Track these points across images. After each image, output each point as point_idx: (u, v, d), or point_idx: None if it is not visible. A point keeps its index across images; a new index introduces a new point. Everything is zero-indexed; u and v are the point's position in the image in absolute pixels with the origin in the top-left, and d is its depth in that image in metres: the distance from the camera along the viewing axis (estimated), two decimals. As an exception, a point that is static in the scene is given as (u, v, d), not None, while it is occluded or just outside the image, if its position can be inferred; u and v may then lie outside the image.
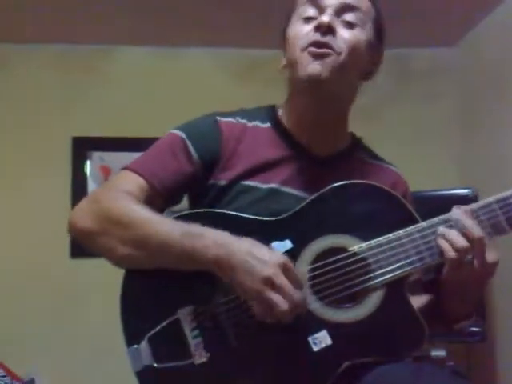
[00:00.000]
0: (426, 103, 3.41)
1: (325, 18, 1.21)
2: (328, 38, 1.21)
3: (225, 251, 1.11)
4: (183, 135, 1.28)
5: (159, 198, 1.25)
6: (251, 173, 1.25)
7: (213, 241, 1.12)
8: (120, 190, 1.23)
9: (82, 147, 3.24)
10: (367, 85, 1.38)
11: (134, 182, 1.24)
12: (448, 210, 1.17)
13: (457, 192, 2.62)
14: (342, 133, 1.35)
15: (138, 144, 2.07)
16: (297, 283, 1.09)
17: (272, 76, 1.34)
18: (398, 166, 1.43)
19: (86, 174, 3.23)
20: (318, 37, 1.21)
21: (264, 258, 1.09)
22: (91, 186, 3.20)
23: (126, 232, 1.17)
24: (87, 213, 1.22)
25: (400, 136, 3.33)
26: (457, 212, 1.15)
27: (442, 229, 1.14)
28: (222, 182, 1.25)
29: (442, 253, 1.14)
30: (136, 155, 1.32)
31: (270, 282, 1.07)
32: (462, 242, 1.11)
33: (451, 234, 1.12)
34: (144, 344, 1.16)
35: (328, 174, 1.25)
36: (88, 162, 3.24)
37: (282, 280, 1.08)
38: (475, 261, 1.12)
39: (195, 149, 1.26)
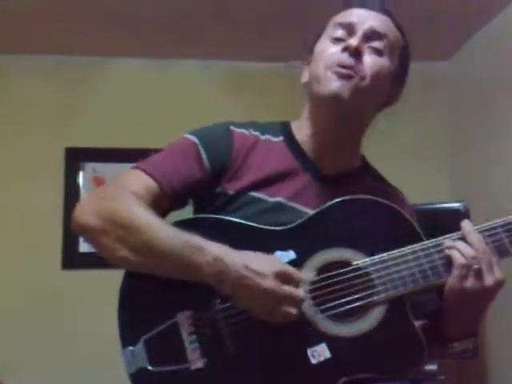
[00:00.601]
0: (418, 117, 3.42)
1: (353, 42, 1.24)
2: (354, 61, 1.23)
3: (222, 267, 1.10)
4: (196, 140, 1.28)
5: (166, 200, 1.25)
6: (259, 185, 1.26)
7: (212, 256, 1.11)
8: (127, 189, 1.22)
9: (75, 158, 3.23)
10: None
11: (142, 182, 1.24)
12: (440, 223, 1.20)
13: (449, 206, 2.62)
14: (353, 154, 1.37)
15: (131, 155, 2.07)
16: (296, 284, 1.11)
17: (262, 88, 1.35)
18: (390, 179, 1.45)
19: (78, 185, 3.22)
20: (344, 58, 1.24)
21: (261, 270, 1.09)
22: (83, 195, 3.20)
23: (127, 235, 1.16)
24: (91, 209, 1.21)
25: (391, 149, 3.34)
26: (465, 227, 1.17)
27: (448, 242, 1.16)
28: (230, 192, 1.26)
29: (448, 265, 1.15)
30: (129, 166, 1.31)
31: (271, 294, 1.08)
32: (470, 251, 1.14)
33: (460, 244, 1.15)
34: (140, 346, 1.15)
35: (335, 193, 1.25)
36: (81, 173, 3.24)
37: (283, 290, 1.09)
38: (483, 272, 1.13)
39: (207, 155, 1.26)
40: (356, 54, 1.24)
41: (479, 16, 2.92)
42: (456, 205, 2.57)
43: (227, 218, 1.21)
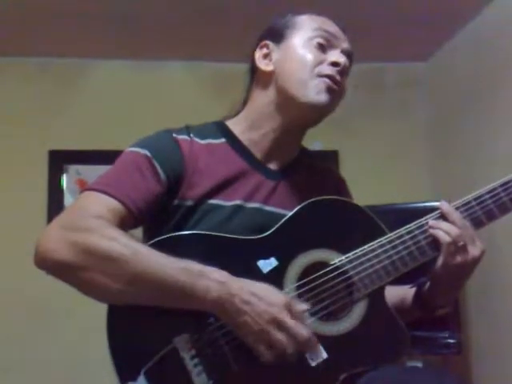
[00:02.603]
0: (399, 117, 3.46)
1: (342, 60, 1.30)
2: (339, 78, 1.30)
3: (227, 292, 1.09)
4: (148, 153, 1.24)
5: (131, 220, 1.20)
6: (214, 191, 1.25)
7: (214, 282, 1.09)
8: (95, 215, 1.14)
9: (59, 160, 3.22)
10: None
11: (105, 205, 1.17)
12: None
13: (430, 205, 2.63)
14: (298, 146, 1.41)
15: (114, 157, 2.05)
16: (302, 321, 1.11)
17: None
18: (371, 179, 1.48)
19: (62, 188, 3.21)
20: (335, 73, 1.29)
21: (268, 299, 1.09)
22: (67, 199, 3.19)
23: (118, 268, 1.10)
24: (62, 243, 1.11)
25: (373, 149, 3.37)
26: (444, 207, 1.24)
27: (432, 222, 1.23)
28: (188, 203, 1.24)
29: (432, 244, 1.22)
30: (109, 168, 1.27)
31: (276, 323, 1.08)
32: (453, 229, 1.21)
33: (443, 224, 1.22)
34: (141, 379, 1.11)
35: (284, 185, 1.32)
36: (64, 176, 3.23)
37: (288, 321, 1.09)
38: (468, 246, 1.21)
39: (162, 168, 1.23)
40: (342, 72, 1.31)
41: (458, 17, 2.94)
42: (437, 204, 2.58)
43: (205, 232, 1.20)
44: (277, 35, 1.35)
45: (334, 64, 1.29)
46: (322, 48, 1.31)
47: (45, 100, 3.26)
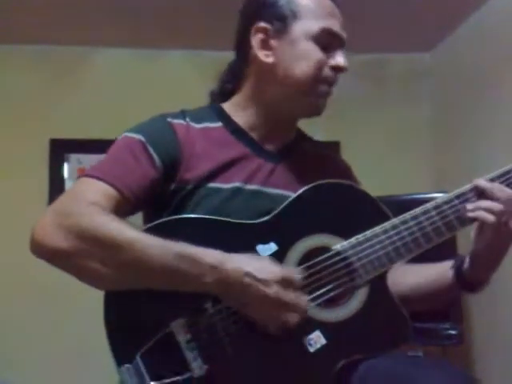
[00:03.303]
0: (401, 108, 3.45)
1: (344, 64, 1.28)
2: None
3: (221, 277, 1.09)
4: (142, 138, 1.24)
5: (127, 206, 1.20)
6: (212, 174, 1.24)
7: (207, 266, 1.09)
8: (87, 201, 1.15)
9: (60, 149, 3.22)
10: (344, 90, 1.41)
11: (101, 191, 1.17)
12: None
13: (432, 196, 2.63)
14: (293, 129, 1.40)
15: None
16: (299, 290, 1.12)
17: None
18: (373, 170, 1.47)
19: (63, 176, 3.22)
20: (334, 78, 1.29)
21: (262, 277, 1.09)
22: (69, 187, 3.18)
23: (111, 254, 1.10)
24: (57, 229, 1.12)
25: (375, 140, 3.36)
26: (482, 184, 1.20)
27: (470, 205, 1.19)
28: (187, 187, 1.23)
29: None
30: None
31: (274, 301, 1.09)
32: (496, 206, 1.17)
33: (483, 203, 1.18)
34: (137, 362, 1.11)
35: (285, 167, 1.31)
36: (66, 164, 3.23)
37: (285, 296, 1.10)
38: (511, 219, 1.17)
39: (156, 152, 1.23)
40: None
41: (462, 8, 2.93)
42: (439, 195, 2.58)
43: (200, 216, 1.19)
44: (276, 20, 1.28)
45: (337, 68, 1.28)
46: (326, 48, 1.28)
47: (46, 88, 3.25)
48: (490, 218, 1.17)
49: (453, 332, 2.65)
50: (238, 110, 1.34)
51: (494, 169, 1.25)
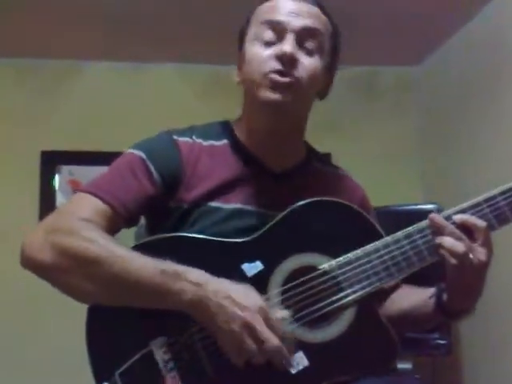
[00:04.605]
0: (391, 120, 3.47)
1: (288, 49, 1.20)
2: (289, 68, 1.21)
3: (202, 295, 1.07)
4: (143, 155, 1.24)
5: (121, 221, 1.21)
6: (213, 194, 1.23)
7: (189, 283, 1.07)
8: (79, 217, 1.15)
9: (51, 161, 3.22)
10: (334, 102, 1.40)
11: (93, 207, 1.17)
12: (413, 224, 1.18)
13: (422, 207, 2.66)
14: (297, 146, 1.36)
15: (107, 158, 2.05)
16: (274, 329, 1.07)
17: (237, 92, 1.36)
18: (364, 180, 1.46)
19: (54, 188, 3.21)
20: (280, 66, 1.21)
21: (244, 302, 1.06)
22: (60, 199, 3.18)
23: (94, 271, 1.10)
24: (45, 245, 1.13)
25: (365, 152, 3.38)
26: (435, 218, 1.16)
27: (439, 239, 1.14)
28: (185, 205, 1.22)
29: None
30: (105, 169, 1.27)
31: (248, 327, 1.05)
32: (460, 247, 1.12)
33: (447, 242, 1.13)
34: (115, 380, 1.10)
35: (287, 189, 1.27)
36: (57, 176, 3.23)
37: (260, 326, 1.05)
38: (482, 249, 1.13)
39: (156, 169, 1.22)
40: (291, 61, 1.21)
41: (451, 21, 2.96)
42: (429, 206, 2.61)
43: (190, 235, 1.18)
44: (240, 39, 1.31)
45: (279, 58, 1.21)
46: (270, 43, 1.23)
47: (37, 100, 3.26)
48: (452, 261, 1.13)
49: (442, 342, 2.65)
50: (242, 128, 1.32)
51: (483, 180, 1.25)
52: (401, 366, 2.72)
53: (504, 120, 2.67)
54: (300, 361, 1.12)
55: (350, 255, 1.16)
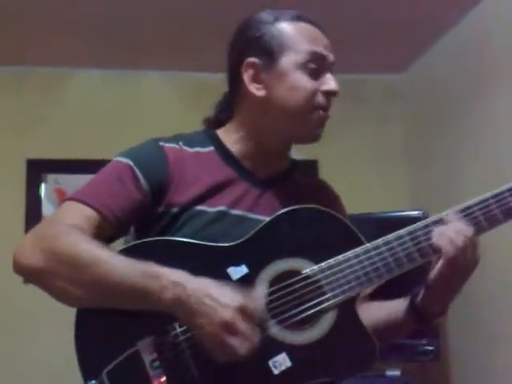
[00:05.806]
0: (377, 127, 3.50)
1: (336, 88, 1.28)
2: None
3: (182, 294, 1.08)
4: (130, 162, 1.25)
5: (109, 229, 1.22)
6: (199, 198, 1.24)
7: (169, 282, 1.08)
8: (66, 224, 1.17)
9: (37, 169, 3.21)
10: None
11: (81, 214, 1.19)
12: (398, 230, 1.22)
13: (407, 214, 2.68)
14: (283, 157, 1.39)
15: (93, 166, 2.04)
16: (255, 325, 1.09)
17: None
18: (350, 187, 1.48)
19: (40, 197, 3.20)
20: (327, 103, 1.29)
21: (223, 301, 1.07)
22: (46, 208, 3.17)
23: (78, 274, 1.12)
24: (33, 251, 1.16)
25: (352, 159, 3.40)
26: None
27: (436, 229, 1.19)
28: (173, 210, 1.24)
29: (437, 251, 1.18)
30: (91, 177, 1.27)
31: (228, 326, 1.06)
32: (461, 239, 1.16)
33: (450, 231, 1.17)
34: (102, 379, 1.12)
35: (270, 194, 1.30)
36: (43, 185, 3.21)
37: (240, 325, 1.06)
38: (468, 256, 1.17)
39: (143, 176, 1.24)
40: None
41: (435, 29, 2.99)
42: (415, 213, 2.63)
43: (175, 238, 1.20)
44: (264, 53, 1.28)
45: (330, 93, 1.28)
46: (316, 73, 1.27)
47: (23, 109, 3.25)
48: (451, 251, 1.17)
49: (430, 348, 2.67)
50: (231, 137, 1.34)
51: (469, 186, 1.26)
52: (389, 372, 2.74)
53: (488, 126, 2.70)
54: (283, 362, 1.14)
55: (332, 260, 1.19)
